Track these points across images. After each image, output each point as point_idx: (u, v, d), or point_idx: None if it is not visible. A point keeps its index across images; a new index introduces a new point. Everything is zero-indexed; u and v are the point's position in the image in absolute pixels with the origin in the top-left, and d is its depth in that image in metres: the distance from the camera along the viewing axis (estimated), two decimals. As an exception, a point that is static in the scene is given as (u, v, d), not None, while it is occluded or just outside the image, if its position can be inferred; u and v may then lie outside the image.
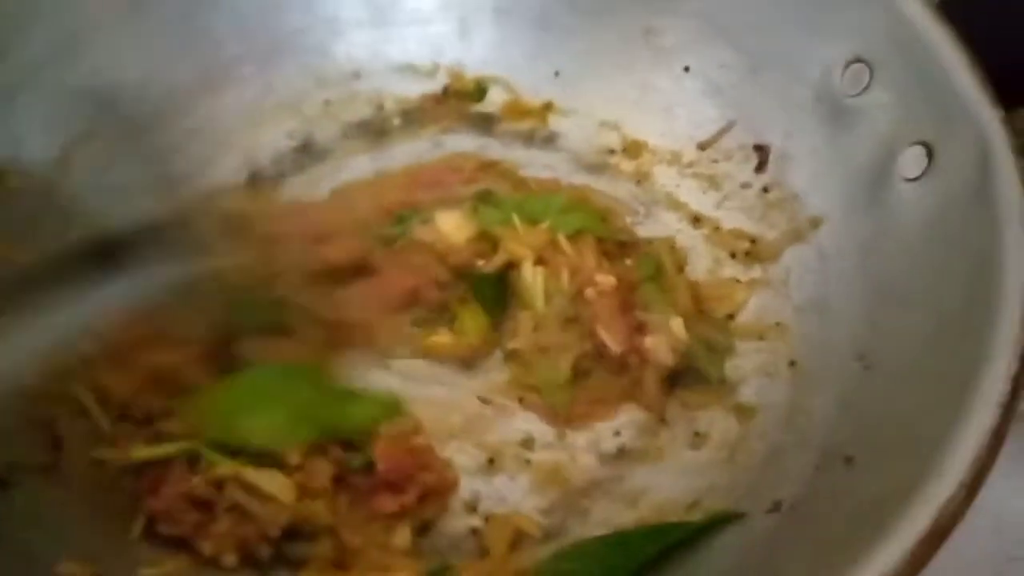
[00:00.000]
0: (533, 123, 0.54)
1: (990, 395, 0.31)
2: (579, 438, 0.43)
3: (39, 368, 0.36)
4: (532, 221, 0.47)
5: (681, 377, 0.44)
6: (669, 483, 0.41)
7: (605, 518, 0.40)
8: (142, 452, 0.40)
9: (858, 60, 0.44)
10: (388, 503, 0.40)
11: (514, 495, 0.41)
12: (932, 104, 0.40)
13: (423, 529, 0.40)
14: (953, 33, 0.40)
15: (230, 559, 0.38)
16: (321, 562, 0.39)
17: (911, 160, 0.41)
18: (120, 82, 0.48)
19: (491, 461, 0.42)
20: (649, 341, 0.43)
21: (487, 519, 0.40)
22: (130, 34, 0.48)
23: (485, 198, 0.49)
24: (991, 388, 0.31)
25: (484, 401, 0.44)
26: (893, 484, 0.31)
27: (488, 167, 0.52)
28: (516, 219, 0.47)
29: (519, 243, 0.46)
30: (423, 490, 0.40)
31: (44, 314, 0.35)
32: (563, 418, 0.43)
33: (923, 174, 0.40)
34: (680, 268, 0.48)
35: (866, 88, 0.43)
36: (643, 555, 0.37)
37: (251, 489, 0.39)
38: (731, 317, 0.46)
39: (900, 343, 0.37)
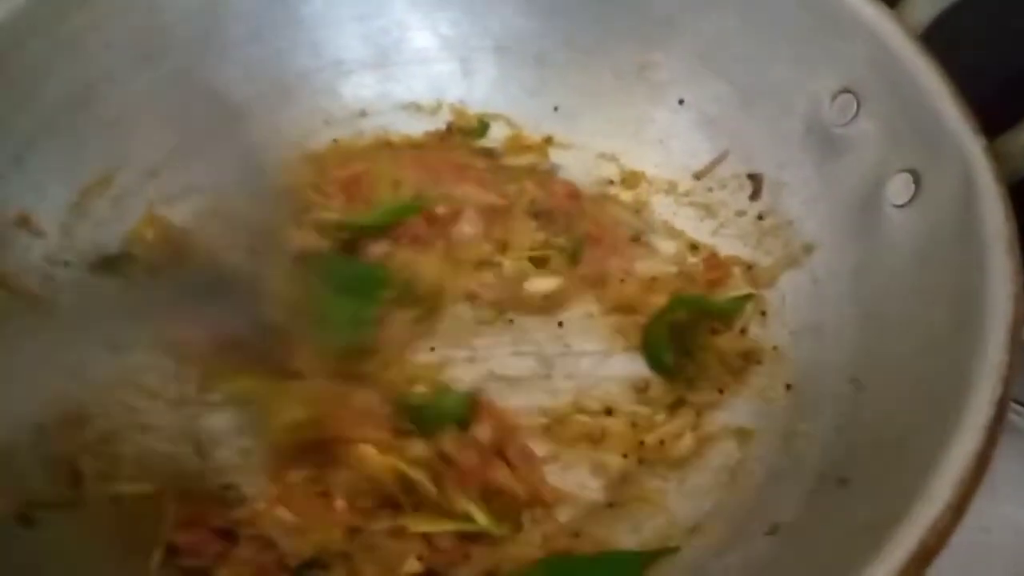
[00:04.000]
0: (534, 157, 0.55)
1: (976, 419, 0.32)
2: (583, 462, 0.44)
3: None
4: None
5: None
6: (671, 507, 0.42)
7: (605, 541, 0.41)
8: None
9: (845, 91, 0.45)
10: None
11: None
12: (918, 132, 0.41)
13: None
14: (936, 63, 0.42)
15: None
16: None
17: (899, 187, 0.42)
18: (134, 128, 0.50)
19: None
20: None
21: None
22: (142, 83, 0.49)
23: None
24: (976, 412, 0.32)
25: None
26: (884, 506, 0.31)
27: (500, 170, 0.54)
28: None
29: None
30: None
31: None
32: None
33: (911, 200, 0.41)
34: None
35: (854, 118, 0.45)
36: None
37: (279, 522, 0.40)
38: (743, 332, 0.48)
39: (890, 366, 0.38)
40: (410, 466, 0.41)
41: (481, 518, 0.41)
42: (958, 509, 0.29)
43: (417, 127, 0.57)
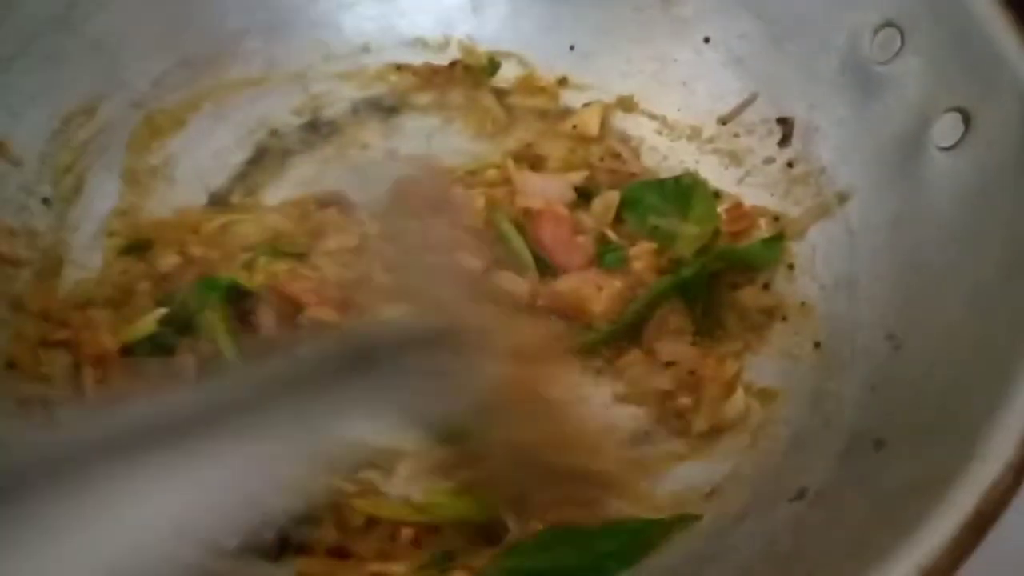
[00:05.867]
0: (545, 100, 0.52)
1: (1035, 371, 0.28)
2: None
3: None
4: None
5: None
6: (687, 471, 0.39)
7: (617, 508, 0.38)
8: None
9: (888, 24, 0.41)
10: None
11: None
12: (969, 68, 0.38)
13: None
14: (992, -12, 0.38)
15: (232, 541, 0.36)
16: (322, 548, 0.37)
17: (946, 128, 0.38)
18: (121, 54, 0.47)
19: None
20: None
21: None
22: (131, 4, 0.46)
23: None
24: (1036, 364, 0.29)
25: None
26: (930, 468, 0.28)
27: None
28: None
29: None
30: None
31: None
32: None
33: (959, 142, 0.37)
34: None
35: (897, 54, 0.41)
36: (596, 551, 0.35)
37: None
38: (766, 287, 0.44)
39: (934, 321, 0.35)
40: None
41: None
42: (1020, 470, 0.26)
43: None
